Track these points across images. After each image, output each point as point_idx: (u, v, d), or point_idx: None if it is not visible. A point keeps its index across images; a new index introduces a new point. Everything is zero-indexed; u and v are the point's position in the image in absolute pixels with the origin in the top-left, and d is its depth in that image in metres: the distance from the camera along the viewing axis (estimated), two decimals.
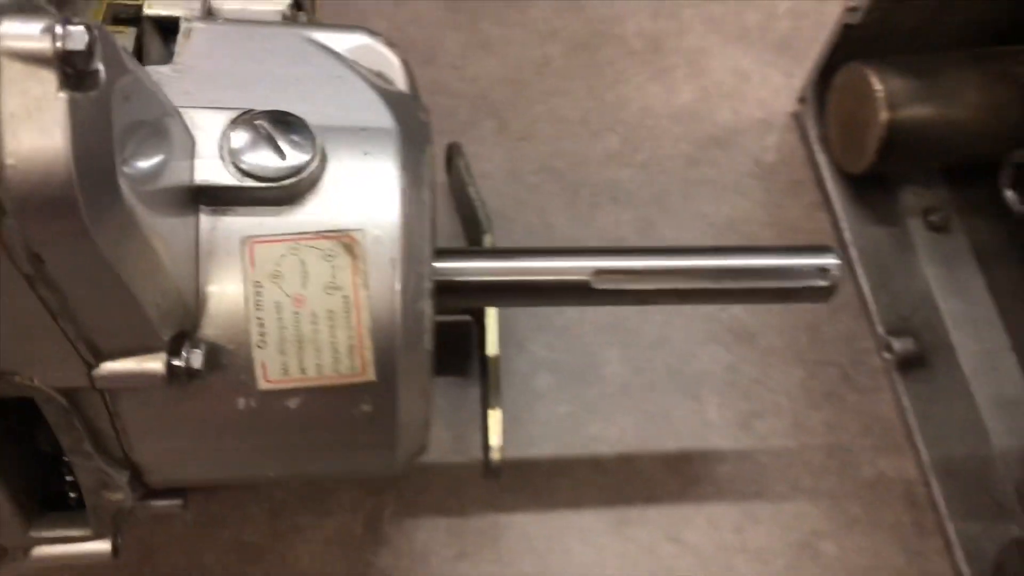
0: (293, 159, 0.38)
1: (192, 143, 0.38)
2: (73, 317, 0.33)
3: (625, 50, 0.80)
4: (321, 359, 0.39)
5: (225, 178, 0.38)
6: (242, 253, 0.38)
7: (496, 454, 0.55)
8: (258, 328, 0.38)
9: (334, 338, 0.39)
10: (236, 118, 0.38)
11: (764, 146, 0.76)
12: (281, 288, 0.38)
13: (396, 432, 0.42)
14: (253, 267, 0.38)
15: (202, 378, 0.37)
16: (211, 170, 0.38)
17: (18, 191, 0.27)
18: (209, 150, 0.38)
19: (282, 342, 0.38)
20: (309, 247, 0.38)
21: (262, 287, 0.38)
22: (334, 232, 0.39)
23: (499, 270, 0.48)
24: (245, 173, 0.38)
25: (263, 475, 0.47)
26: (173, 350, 0.36)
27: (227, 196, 0.38)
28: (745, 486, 0.62)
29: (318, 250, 0.38)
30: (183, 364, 0.36)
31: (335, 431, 0.42)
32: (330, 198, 0.39)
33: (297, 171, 0.38)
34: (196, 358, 0.36)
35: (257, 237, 0.38)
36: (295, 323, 0.38)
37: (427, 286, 0.41)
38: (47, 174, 0.28)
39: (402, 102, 0.44)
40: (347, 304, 0.39)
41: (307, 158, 0.38)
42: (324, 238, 0.38)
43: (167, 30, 0.44)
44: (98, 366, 0.35)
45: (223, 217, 0.38)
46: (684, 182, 0.74)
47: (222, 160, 0.38)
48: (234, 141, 0.38)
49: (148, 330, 0.35)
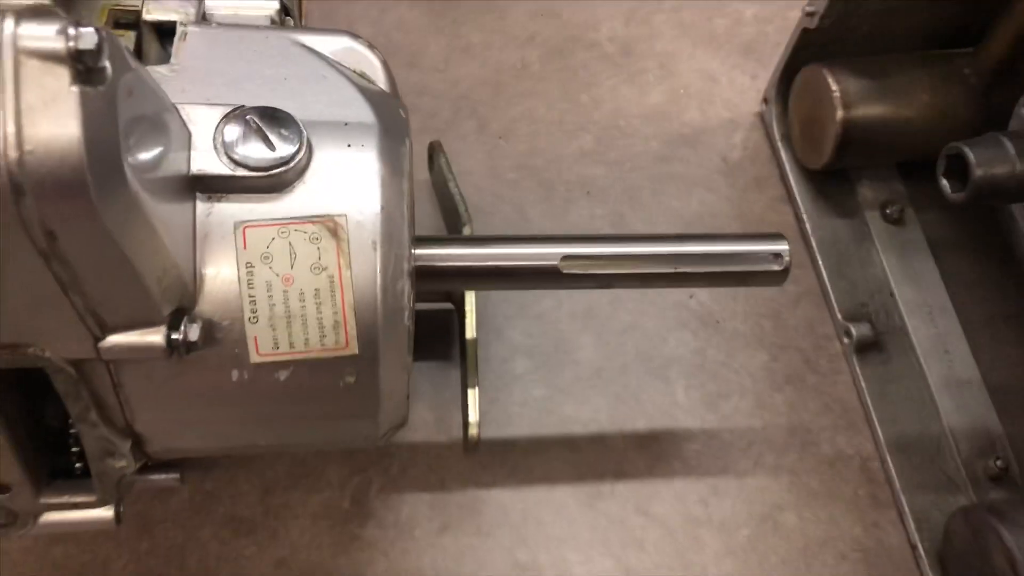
0: (282, 151, 0.41)
1: (188, 136, 0.41)
2: (82, 291, 0.36)
3: (599, 54, 0.84)
4: (308, 334, 0.42)
5: (219, 168, 0.41)
6: (235, 237, 0.41)
7: (474, 429, 0.58)
8: (250, 305, 0.42)
9: (320, 314, 0.42)
10: (229, 113, 0.42)
11: (731, 144, 0.80)
12: (271, 268, 0.42)
13: (378, 402, 0.45)
14: (245, 249, 0.41)
15: (199, 351, 0.40)
16: (206, 160, 0.41)
17: (36, 174, 0.31)
18: (204, 142, 0.41)
19: (272, 318, 0.42)
20: (297, 231, 0.42)
21: (253, 267, 0.41)
22: (319, 217, 0.42)
23: (474, 256, 0.51)
24: (237, 163, 0.41)
25: (254, 444, 0.50)
26: (172, 324, 0.39)
27: (221, 184, 0.41)
28: (711, 462, 0.66)
29: (305, 233, 0.42)
30: (181, 337, 0.39)
31: (321, 401, 0.45)
32: (316, 186, 0.42)
33: (285, 162, 0.41)
34: (193, 332, 0.40)
35: (249, 222, 0.42)
36: (284, 300, 0.42)
37: (406, 267, 0.45)
38: (62, 159, 0.31)
39: (382, 99, 0.47)
40: (332, 283, 0.42)
41: (294, 150, 0.42)
42: (310, 223, 0.42)
43: (164, 33, 0.47)
44: (104, 338, 0.38)
45: (217, 204, 0.42)
46: (654, 178, 0.77)
47: (216, 151, 0.41)
48: (227, 134, 0.41)
49: (150, 304, 0.38)
